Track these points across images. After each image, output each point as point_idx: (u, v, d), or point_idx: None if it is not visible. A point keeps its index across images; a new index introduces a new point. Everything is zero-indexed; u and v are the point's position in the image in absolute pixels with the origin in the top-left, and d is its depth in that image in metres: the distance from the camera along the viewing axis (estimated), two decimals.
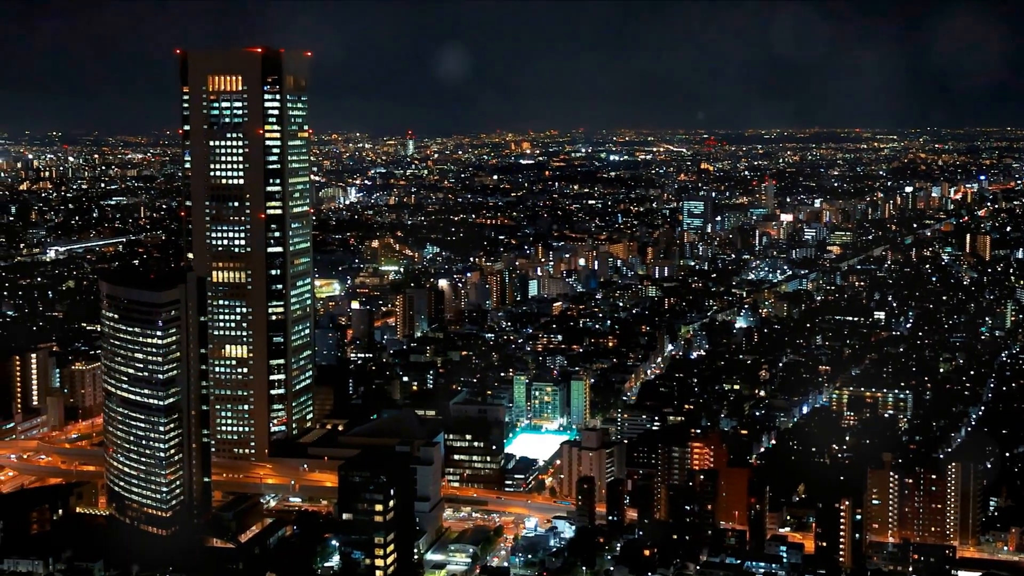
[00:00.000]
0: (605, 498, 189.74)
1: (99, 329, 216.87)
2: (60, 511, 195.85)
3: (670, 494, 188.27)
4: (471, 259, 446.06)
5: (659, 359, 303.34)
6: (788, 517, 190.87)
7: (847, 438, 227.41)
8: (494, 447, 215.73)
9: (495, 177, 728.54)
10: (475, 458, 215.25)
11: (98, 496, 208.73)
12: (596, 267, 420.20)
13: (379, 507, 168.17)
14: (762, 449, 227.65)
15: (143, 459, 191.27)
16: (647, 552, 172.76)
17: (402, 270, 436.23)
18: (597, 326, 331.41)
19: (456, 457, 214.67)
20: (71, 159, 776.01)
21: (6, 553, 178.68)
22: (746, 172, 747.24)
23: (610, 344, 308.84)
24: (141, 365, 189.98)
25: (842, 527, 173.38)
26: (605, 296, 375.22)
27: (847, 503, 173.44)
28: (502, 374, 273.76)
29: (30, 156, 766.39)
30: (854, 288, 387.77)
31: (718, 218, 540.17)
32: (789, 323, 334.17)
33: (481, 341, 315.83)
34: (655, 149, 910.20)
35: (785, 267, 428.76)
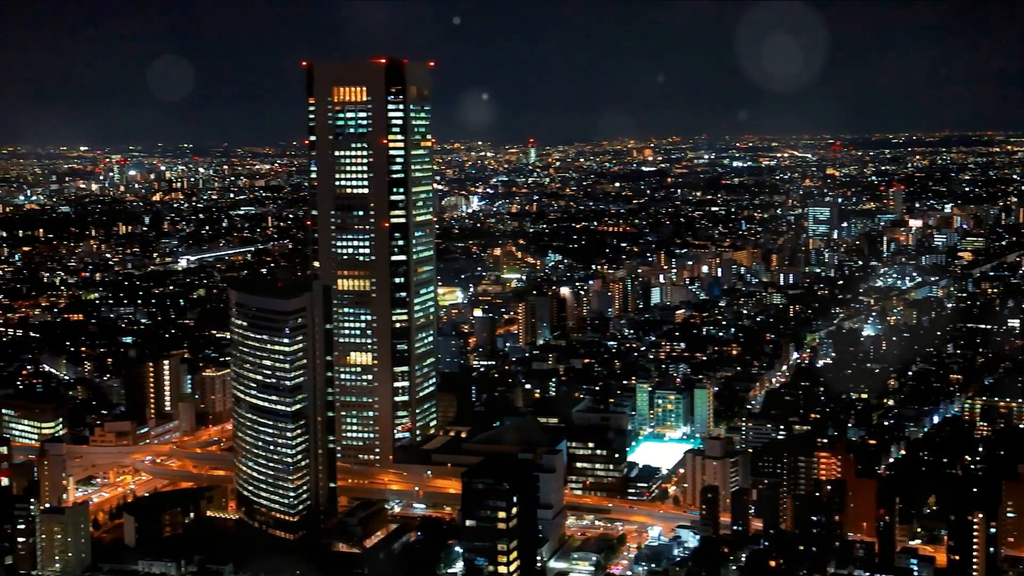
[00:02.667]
0: (730, 508, 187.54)
1: (228, 336, 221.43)
2: (192, 514, 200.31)
3: (796, 504, 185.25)
4: (593, 267, 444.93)
5: (784, 367, 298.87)
6: (919, 529, 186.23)
7: (980, 449, 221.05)
8: (617, 455, 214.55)
9: (617, 184, 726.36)
10: (598, 466, 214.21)
11: (228, 500, 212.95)
12: (720, 274, 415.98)
13: (502, 514, 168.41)
14: (891, 459, 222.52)
15: (271, 464, 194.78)
16: (773, 563, 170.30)
17: (524, 278, 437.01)
18: (721, 334, 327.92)
19: (579, 465, 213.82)
20: (201, 170, 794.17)
21: (140, 554, 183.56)
22: (873, 177, 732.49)
23: (734, 352, 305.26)
24: (269, 372, 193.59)
25: (975, 541, 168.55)
26: (729, 303, 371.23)
27: (980, 516, 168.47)
28: (624, 382, 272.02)
29: (163, 168, 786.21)
30: (987, 295, 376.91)
31: (844, 224, 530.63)
32: (919, 331, 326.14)
33: (603, 349, 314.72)
34: (779, 155, 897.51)
35: (914, 274, 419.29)
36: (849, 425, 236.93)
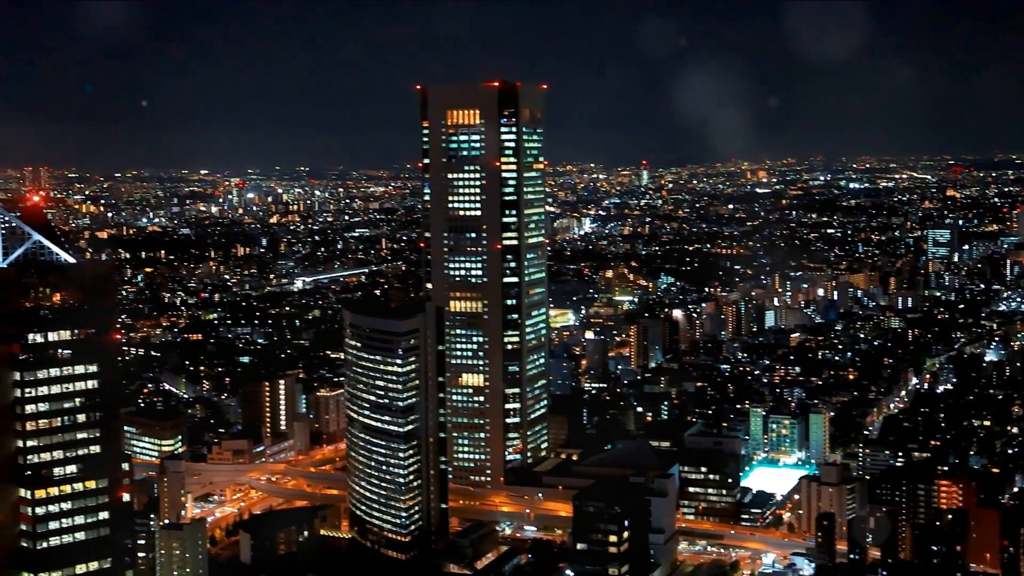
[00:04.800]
0: (846, 536, 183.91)
1: (342, 357, 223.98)
2: (306, 533, 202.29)
3: (916, 533, 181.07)
4: (706, 289, 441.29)
5: (903, 393, 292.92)
6: None
7: None
8: (730, 480, 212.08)
9: (730, 206, 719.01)
10: (710, 491, 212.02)
11: (341, 519, 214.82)
12: (835, 297, 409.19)
13: (613, 538, 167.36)
14: (1015, 489, 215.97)
15: (383, 484, 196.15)
16: None
17: (636, 300, 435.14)
18: (837, 358, 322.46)
19: (691, 489, 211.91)
20: (317, 193, 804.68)
21: (256, 572, 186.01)
22: (996, 199, 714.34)
23: (850, 377, 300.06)
24: (382, 392, 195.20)
25: None
26: (845, 327, 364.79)
27: None
28: (738, 406, 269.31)
29: (279, 190, 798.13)
30: None
31: (965, 247, 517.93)
32: None
33: (716, 372, 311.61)
34: (897, 176, 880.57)
35: None
36: (971, 453, 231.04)
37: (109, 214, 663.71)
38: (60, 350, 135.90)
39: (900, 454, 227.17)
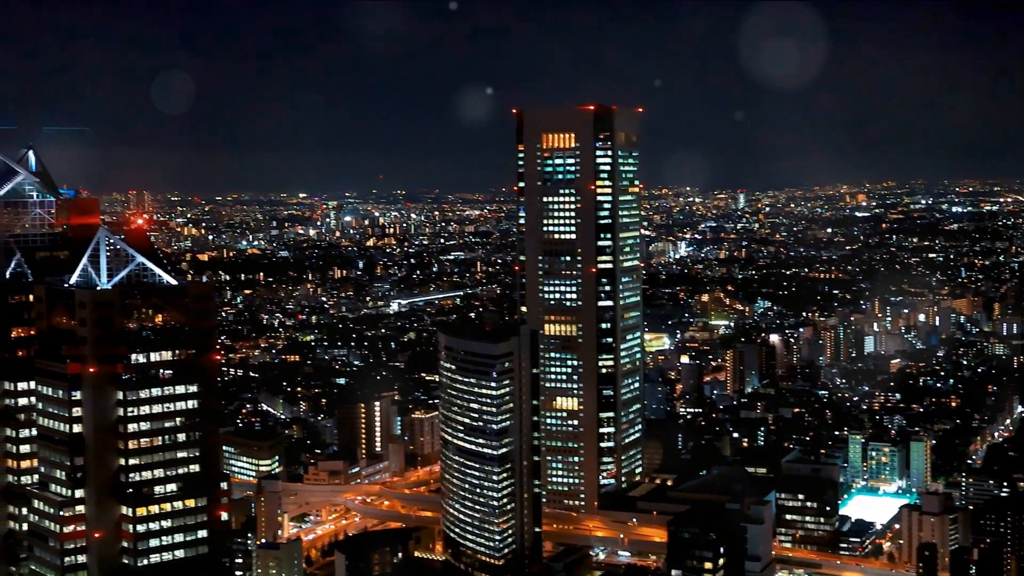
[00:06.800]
0: (948, 567, 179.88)
1: (437, 379, 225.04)
2: (400, 554, 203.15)
3: (1021, 566, 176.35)
4: (804, 314, 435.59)
5: (1007, 421, 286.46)
6: None
7: None
8: (828, 508, 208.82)
9: (829, 230, 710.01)
10: (808, 518, 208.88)
11: (435, 541, 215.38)
12: (937, 323, 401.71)
13: (708, 565, 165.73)
14: None
15: (477, 507, 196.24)
16: None
17: (732, 325, 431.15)
18: (939, 385, 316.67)
19: (788, 517, 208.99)
20: (413, 216, 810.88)
21: None
22: None
23: (953, 404, 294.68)
24: (476, 415, 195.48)
25: None
26: (947, 354, 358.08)
27: None
28: (836, 432, 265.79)
29: (376, 214, 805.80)
30: None
31: None
32: None
33: (814, 398, 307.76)
34: (1002, 199, 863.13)
35: None
36: None
37: (210, 237, 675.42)
38: (162, 370, 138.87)
39: (1005, 484, 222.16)
